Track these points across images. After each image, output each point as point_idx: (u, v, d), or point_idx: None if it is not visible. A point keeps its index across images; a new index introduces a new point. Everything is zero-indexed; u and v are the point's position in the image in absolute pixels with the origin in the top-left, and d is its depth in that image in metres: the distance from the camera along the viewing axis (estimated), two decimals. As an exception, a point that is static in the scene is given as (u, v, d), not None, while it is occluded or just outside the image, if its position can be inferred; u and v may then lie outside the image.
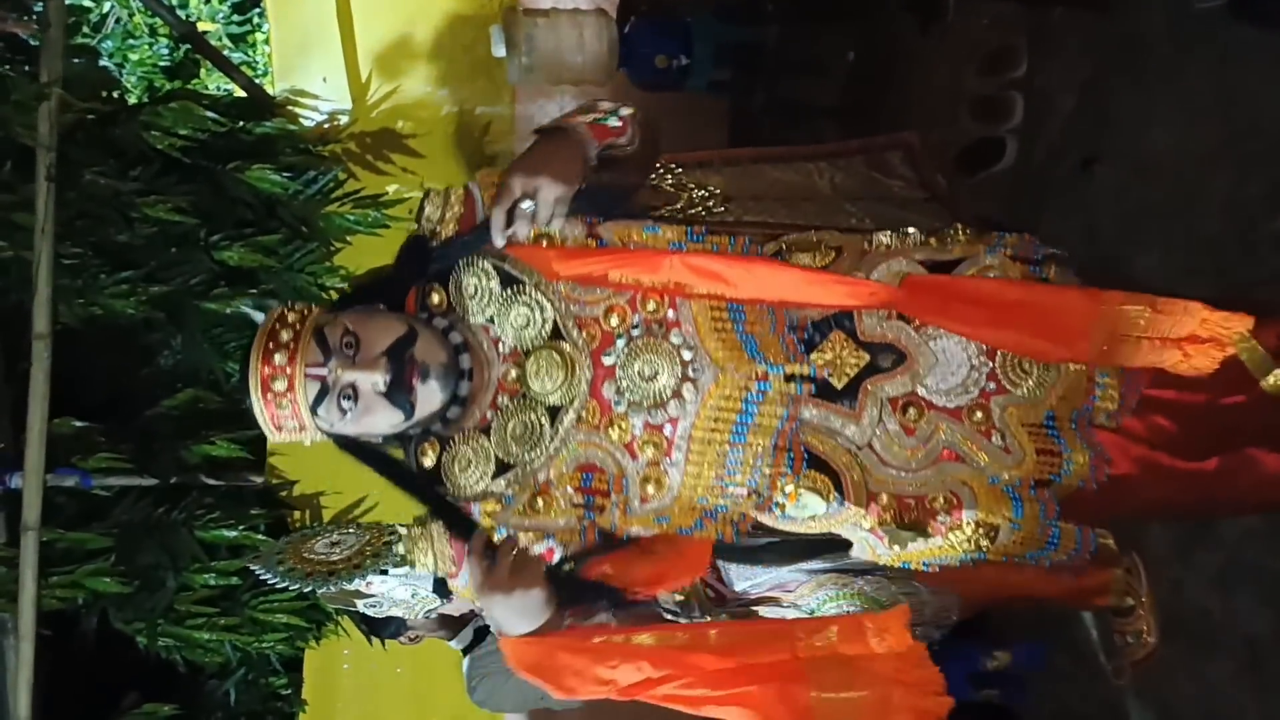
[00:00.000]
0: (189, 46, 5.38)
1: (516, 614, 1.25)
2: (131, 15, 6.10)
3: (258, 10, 5.75)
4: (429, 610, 1.83)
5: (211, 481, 3.08)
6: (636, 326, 1.32)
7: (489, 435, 1.33)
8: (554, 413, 1.31)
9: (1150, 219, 2.20)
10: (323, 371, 1.25)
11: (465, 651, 2.49)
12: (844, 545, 1.61)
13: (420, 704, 3.15)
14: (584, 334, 1.32)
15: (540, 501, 1.30)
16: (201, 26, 5.62)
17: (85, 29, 5.83)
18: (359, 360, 1.26)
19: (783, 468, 1.30)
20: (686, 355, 1.31)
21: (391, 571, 1.68)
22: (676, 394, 1.30)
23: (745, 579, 1.77)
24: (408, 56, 3.19)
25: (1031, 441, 1.33)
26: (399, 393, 1.26)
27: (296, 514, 3.09)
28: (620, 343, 1.31)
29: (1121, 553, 1.82)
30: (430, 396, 1.28)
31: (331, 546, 1.63)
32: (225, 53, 5.40)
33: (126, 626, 2.99)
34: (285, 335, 1.27)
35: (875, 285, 1.33)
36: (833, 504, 1.32)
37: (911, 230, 1.41)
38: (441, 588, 1.81)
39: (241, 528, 2.96)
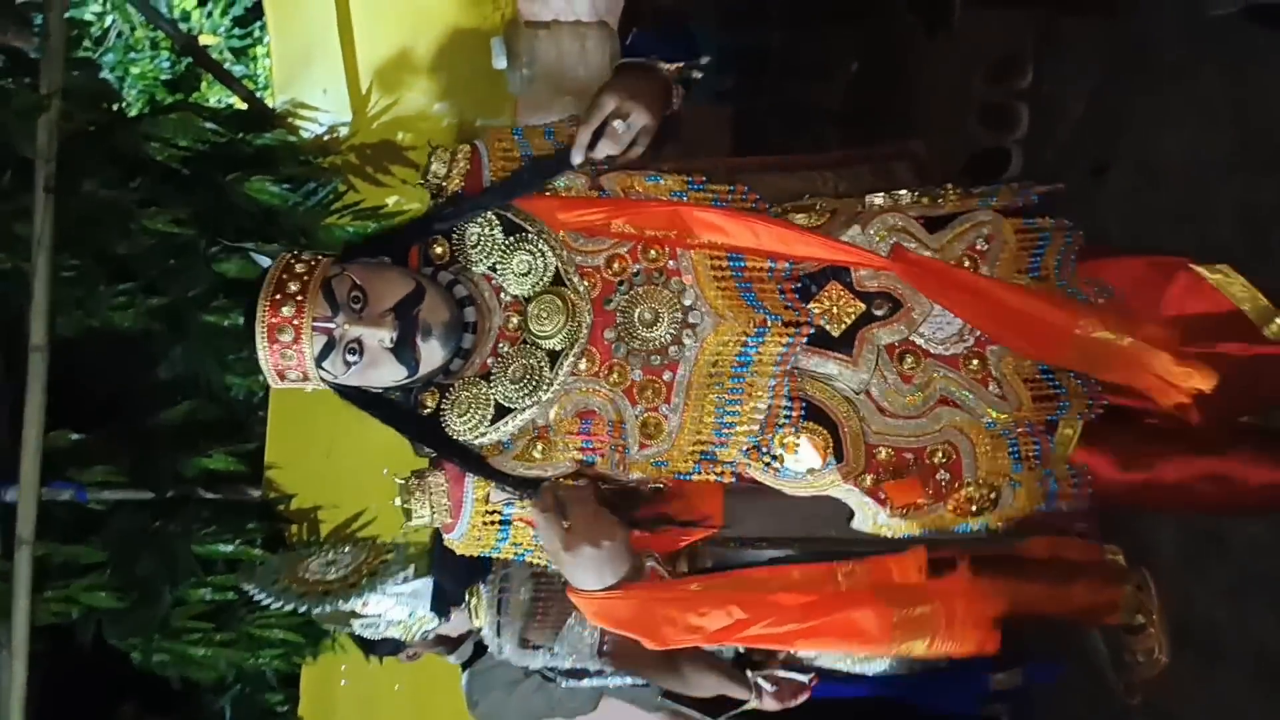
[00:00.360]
0: (190, 59, 5.39)
1: (605, 564, 1.25)
2: (134, 30, 6.10)
3: (259, 24, 5.75)
4: (426, 630, 1.80)
5: (208, 495, 3.05)
6: (638, 274, 1.33)
7: (488, 380, 1.34)
8: (554, 357, 1.32)
9: (1162, 225, 2.18)
10: (330, 325, 1.26)
11: (464, 667, 2.45)
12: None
13: (419, 720, 3.10)
14: (585, 282, 1.34)
15: (539, 447, 1.31)
16: (203, 40, 5.62)
17: (87, 43, 5.83)
18: (365, 316, 1.27)
19: (780, 416, 1.31)
20: (686, 301, 1.32)
21: (388, 591, 1.65)
22: (676, 340, 1.32)
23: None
24: (409, 69, 3.17)
25: (1028, 389, 1.34)
26: (405, 349, 1.28)
27: (294, 528, 3.05)
28: (621, 290, 1.33)
29: (1131, 568, 1.79)
30: (433, 354, 1.30)
31: (327, 565, 1.61)
32: (226, 66, 5.40)
33: (122, 642, 2.95)
34: (293, 286, 1.27)
35: (873, 257, 1.35)
36: (830, 462, 1.33)
37: (903, 191, 1.44)
38: (439, 606, 1.78)
39: (238, 542, 2.92)
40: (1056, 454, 1.37)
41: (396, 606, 1.73)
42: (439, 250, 1.41)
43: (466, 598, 1.83)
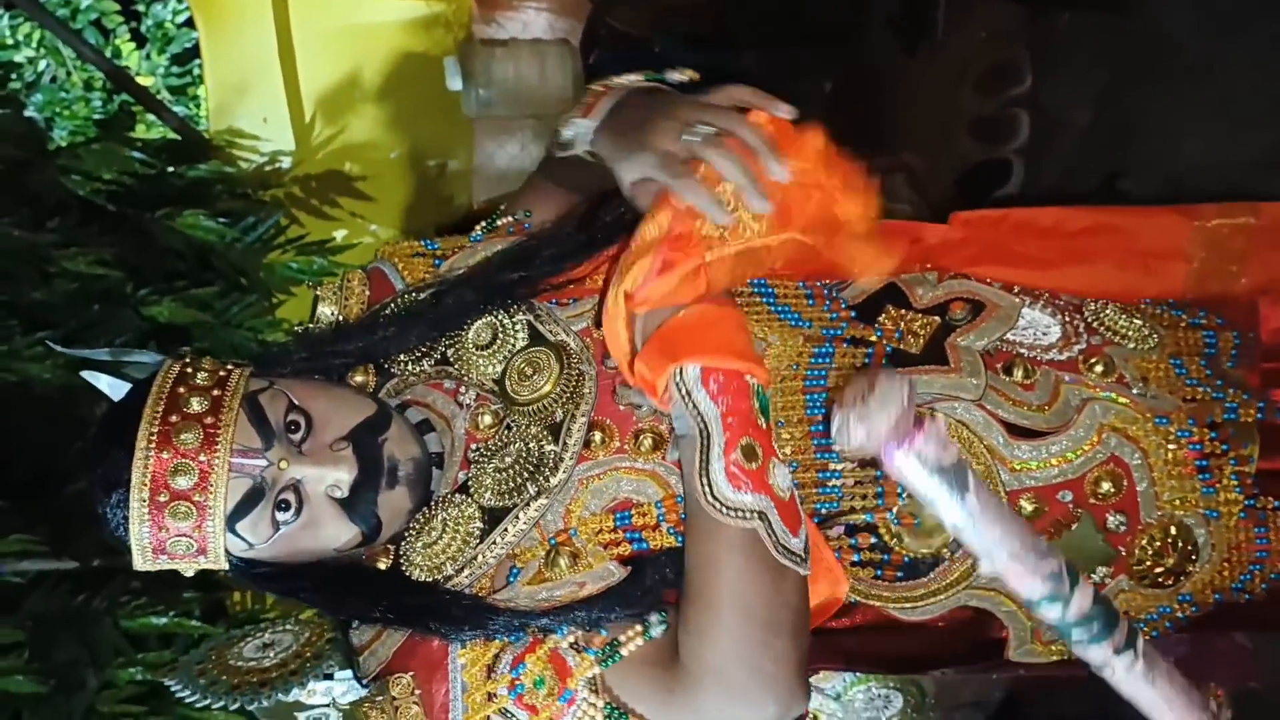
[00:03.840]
0: (123, 98, 5.16)
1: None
2: (69, 74, 5.87)
3: (199, 62, 5.54)
4: None
5: (139, 563, 2.78)
6: None
7: (467, 492, 0.97)
8: (555, 430, 0.95)
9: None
10: (259, 463, 0.88)
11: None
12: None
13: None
14: (575, 340, 1.01)
15: (564, 560, 0.93)
16: (141, 81, 5.40)
17: (16, 84, 5.58)
18: (310, 449, 0.91)
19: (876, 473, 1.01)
20: None
21: (337, 675, 1.41)
22: None
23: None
24: (356, 94, 3.00)
25: (1170, 390, 1.07)
26: (363, 499, 0.92)
27: (236, 596, 2.79)
28: None
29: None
30: (397, 507, 0.96)
31: (263, 649, 1.34)
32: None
33: (42, 732, 2.66)
34: (197, 402, 0.88)
35: (914, 226, 1.13)
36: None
37: None
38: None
39: (173, 614, 2.66)
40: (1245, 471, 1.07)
41: (350, 693, 1.47)
42: (359, 380, 1.06)
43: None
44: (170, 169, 2.77)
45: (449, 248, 1.13)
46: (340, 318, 1.08)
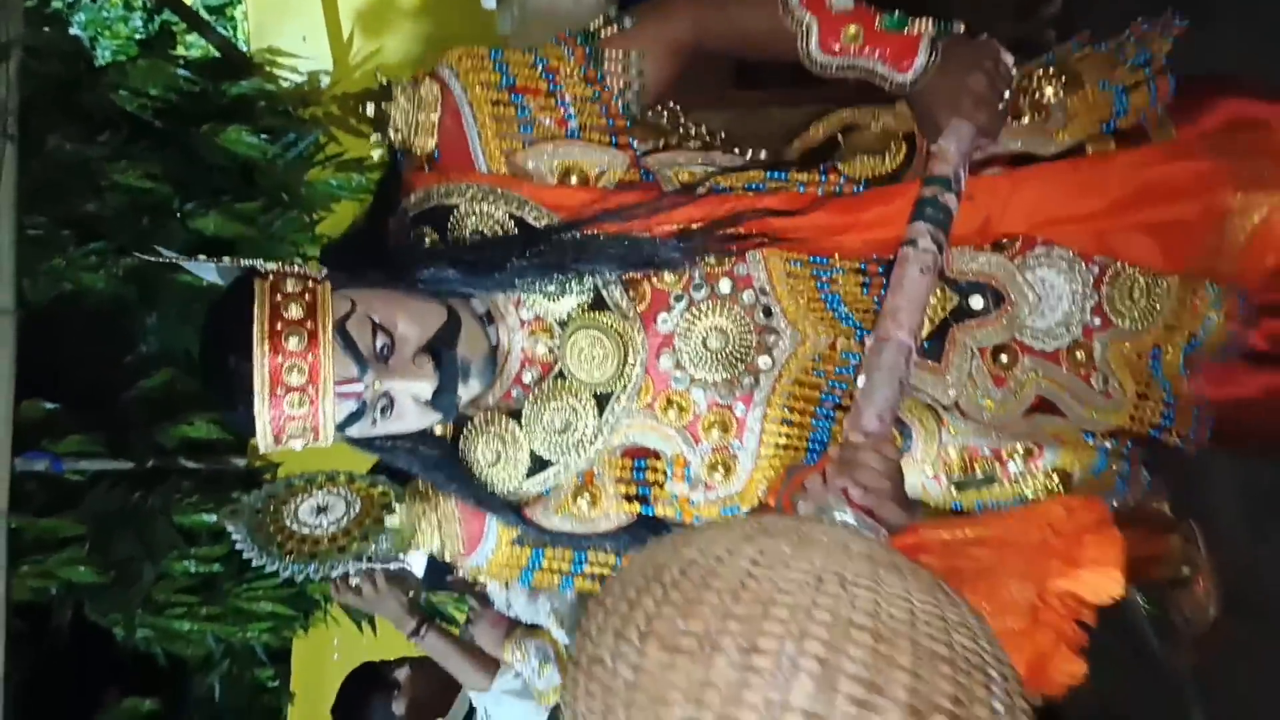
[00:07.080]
0: (164, 17, 5.20)
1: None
2: (110, -9, 5.91)
3: (237, -18, 5.56)
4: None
5: (190, 464, 2.92)
6: (698, 285, 1.06)
7: (519, 422, 1.09)
8: (600, 401, 1.07)
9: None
10: (358, 388, 0.97)
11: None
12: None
13: (415, 695, 2.99)
14: (630, 293, 1.06)
15: (585, 499, 1.09)
16: (180, 0, 5.44)
17: (58, 4, 5.64)
18: (395, 364, 0.99)
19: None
20: (760, 318, 1.07)
21: (379, 566, 1.51)
22: (750, 366, 1.07)
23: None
24: (393, 12, 3.02)
25: (1134, 383, 1.13)
26: (445, 397, 1.02)
27: (281, 496, 2.93)
28: (679, 305, 1.06)
29: (1178, 518, 1.67)
30: (473, 391, 1.06)
31: (317, 514, 1.44)
32: (203, 26, 5.21)
33: (103, 618, 2.84)
34: (296, 309, 0.95)
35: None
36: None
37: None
38: (434, 578, 1.62)
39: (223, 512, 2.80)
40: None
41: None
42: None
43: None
44: (213, 86, 2.84)
45: (518, 67, 1.08)
46: (407, 133, 1.06)
